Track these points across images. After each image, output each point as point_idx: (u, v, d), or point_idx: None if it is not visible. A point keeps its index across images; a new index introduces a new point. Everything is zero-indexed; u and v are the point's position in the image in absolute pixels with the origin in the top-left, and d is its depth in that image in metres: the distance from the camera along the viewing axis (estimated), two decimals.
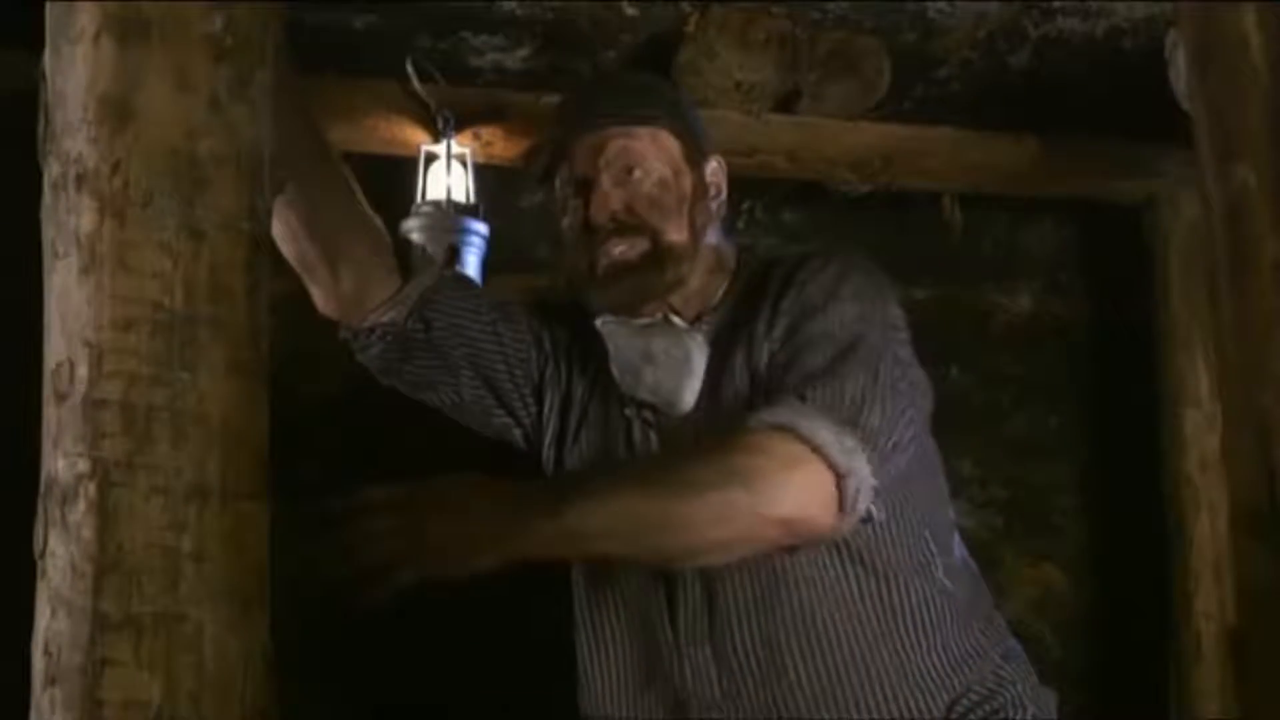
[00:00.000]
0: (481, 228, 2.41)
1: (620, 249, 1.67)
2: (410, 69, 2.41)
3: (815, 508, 1.49)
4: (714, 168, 1.79)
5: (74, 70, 1.05)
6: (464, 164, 2.46)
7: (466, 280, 2.01)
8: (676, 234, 1.69)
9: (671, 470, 1.55)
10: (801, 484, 1.48)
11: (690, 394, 1.68)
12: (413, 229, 2.38)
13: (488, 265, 2.42)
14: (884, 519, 1.57)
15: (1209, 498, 2.75)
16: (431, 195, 2.44)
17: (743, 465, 1.49)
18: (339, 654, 2.51)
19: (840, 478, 1.48)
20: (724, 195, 1.79)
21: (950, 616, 1.64)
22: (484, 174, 2.47)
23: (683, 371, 1.68)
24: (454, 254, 2.35)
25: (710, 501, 1.47)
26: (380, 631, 2.50)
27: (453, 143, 2.45)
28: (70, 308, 1.03)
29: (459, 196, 2.43)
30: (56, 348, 1.04)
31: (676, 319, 1.71)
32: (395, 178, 2.47)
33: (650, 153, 1.70)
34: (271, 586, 1.09)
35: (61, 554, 1.01)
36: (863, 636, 1.60)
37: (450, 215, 2.39)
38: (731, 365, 1.67)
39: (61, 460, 1.02)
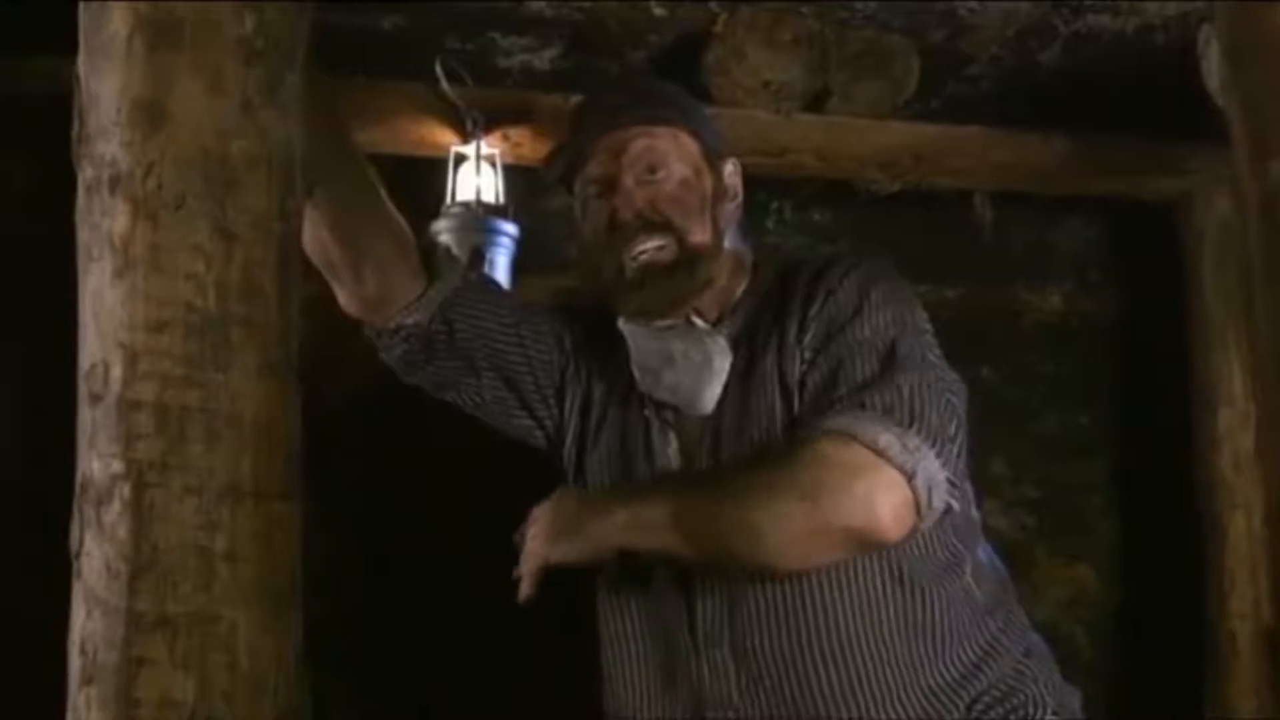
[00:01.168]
0: (511, 228, 2.41)
1: (648, 247, 1.67)
2: (439, 70, 2.42)
3: (886, 512, 1.49)
4: (731, 170, 1.78)
5: (107, 74, 1.06)
6: (493, 165, 2.46)
7: (490, 282, 2.01)
8: (701, 234, 1.69)
9: (740, 478, 1.57)
10: (867, 491, 1.49)
11: (711, 396, 1.68)
12: (442, 230, 2.38)
13: (517, 266, 2.43)
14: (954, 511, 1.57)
15: (1243, 496, 2.73)
16: (461, 196, 2.44)
17: (806, 477, 1.50)
18: (376, 654, 2.52)
19: (909, 478, 1.48)
20: (740, 197, 1.79)
21: (971, 618, 1.63)
22: (513, 175, 2.47)
23: (703, 374, 1.68)
24: (478, 256, 2.35)
25: (775, 511, 1.50)
26: (416, 633, 2.52)
27: (482, 144, 2.45)
28: (104, 309, 1.04)
29: (488, 197, 2.43)
30: (91, 349, 1.05)
31: (698, 320, 1.71)
32: (425, 179, 2.47)
33: (672, 152, 1.70)
34: (307, 586, 1.10)
35: (97, 554, 1.02)
36: (885, 643, 1.59)
37: (480, 216, 2.40)
38: (761, 370, 1.66)
39: (96, 461, 1.03)
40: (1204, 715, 2.73)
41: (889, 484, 1.48)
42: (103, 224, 1.05)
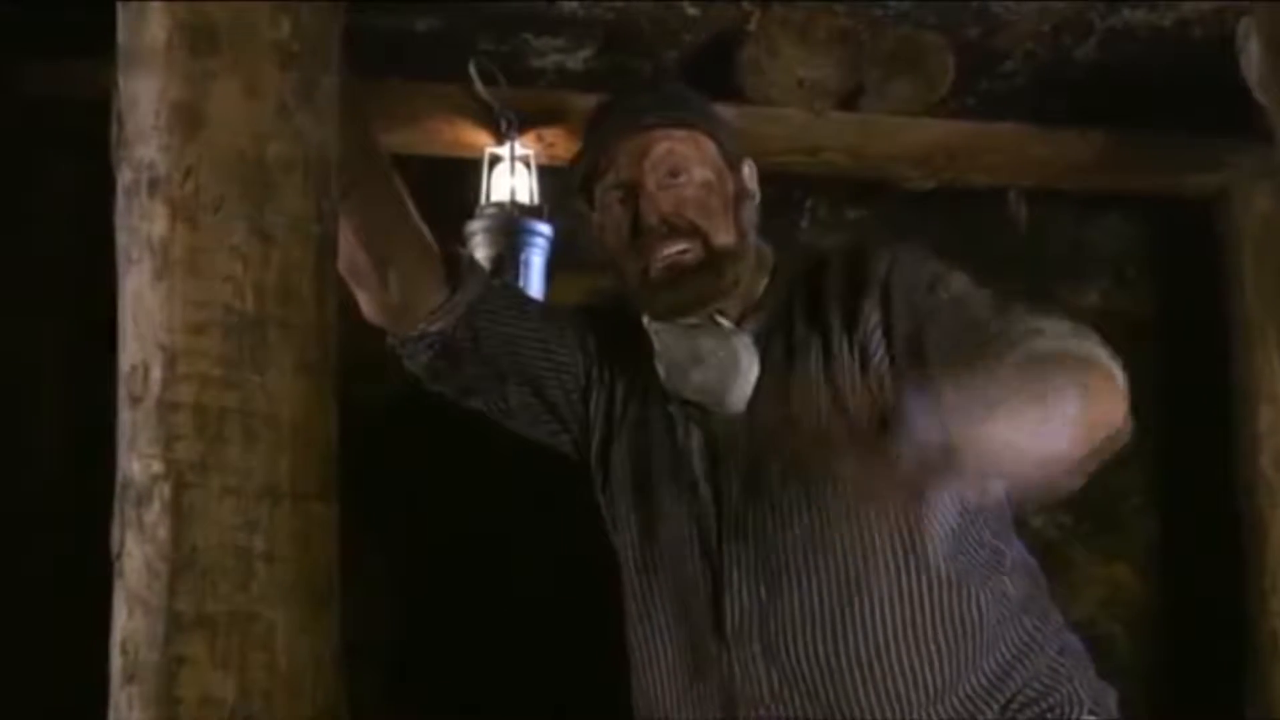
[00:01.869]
0: (545, 229, 2.42)
1: (673, 250, 1.67)
2: (473, 71, 2.42)
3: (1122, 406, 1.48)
4: (749, 171, 1.79)
5: (145, 78, 1.07)
6: (527, 165, 2.47)
7: (514, 289, 2.02)
8: (725, 236, 1.69)
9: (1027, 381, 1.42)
10: (1114, 389, 1.49)
11: (739, 395, 1.68)
12: (477, 231, 2.39)
13: (552, 266, 2.43)
14: (959, 526, 1.58)
15: None
16: (496, 197, 2.44)
17: (1072, 380, 1.43)
18: (413, 654, 2.53)
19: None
20: (759, 197, 1.79)
21: (1007, 616, 1.63)
22: (547, 175, 2.48)
23: (731, 372, 1.68)
24: (502, 263, 2.35)
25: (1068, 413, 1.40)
26: (453, 634, 2.53)
27: (516, 144, 2.46)
28: (143, 311, 1.05)
29: (523, 198, 2.44)
30: (131, 351, 1.06)
31: (722, 319, 1.71)
32: (459, 180, 2.48)
33: (694, 156, 1.71)
34: (344, 585, 1.10)
35: (137, 554, 1.03)
36: (926, 644, 1.58)
37: (514, 217, 2.40)
38: (804, 371, 1.66)
39: (137, 462, 1.03)
40: (1244, 715, 2.70)
41: (1116, 382, 1.50)
42: (142, 227, 1.05)
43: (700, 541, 1.68)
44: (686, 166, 1.70)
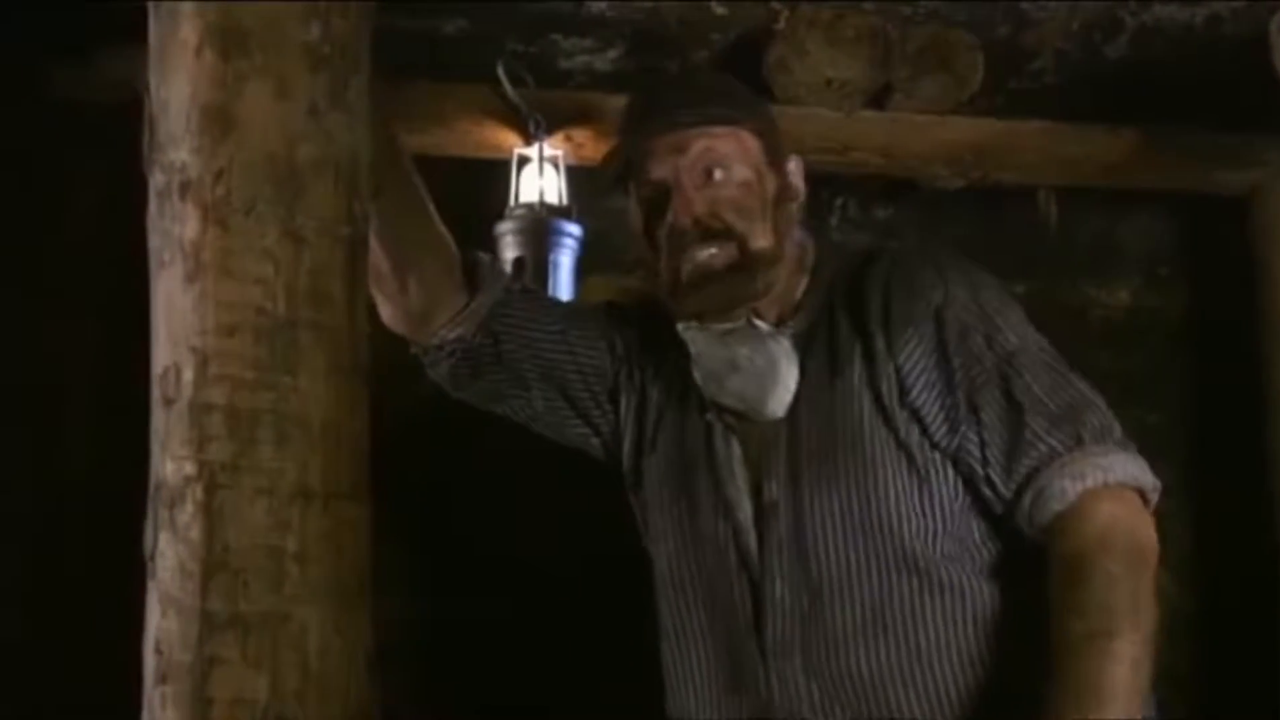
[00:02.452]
0: (575, 230, 2.42)
1: (706, 254, 1.63)
2: (501, 73, 2.43)
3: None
4: (793, 168, 1.73)
5: (176, 81, 1.08)
6: (556, 166, 2.47)
7: (534, 291, 1.99)
8: (763, 239, 1.64)
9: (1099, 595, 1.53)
10: (1147, 519, 1.59)
11: (778, 402, 1.65)
12: (506, 232, 2.39)
13: (581, 267, 2.43)
14: (1004, 532, 1.60)
15: None
16: (524, 198, 2.45)
17: (1136, 545, 1.56)
18: (444, 655, 2.54)
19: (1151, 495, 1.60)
20: (803, 196, 1.74)
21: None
22: (576, 176, 2.48)
23: (769, 379, 1.65)
24: (523, 265, 2.35)
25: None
26: (484, 635, 2.53)
27: (545, 145, 2.46)
28: (176, 314, 1.06)
29: (552, 199, 2.44)
30: (163, 353, 1.06)
31: (760, 322, 1.67)
32: (488, 181, 2.48)
33: (733, 154, 1.65)
34: (375, 587, 1.10)
35: (170, 555, 1.03)
36: (973, 659, 1.56)
37: (543, 218, 2.40)
38: (846, 380, 1.63)
39: (169, 463, 1.04)
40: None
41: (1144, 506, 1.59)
42: (174, 229, 1.06)
43: (739, 552, 1.65)
44: (725, 165, 1.64)
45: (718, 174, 1.64)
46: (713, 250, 1.63)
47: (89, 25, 2.17)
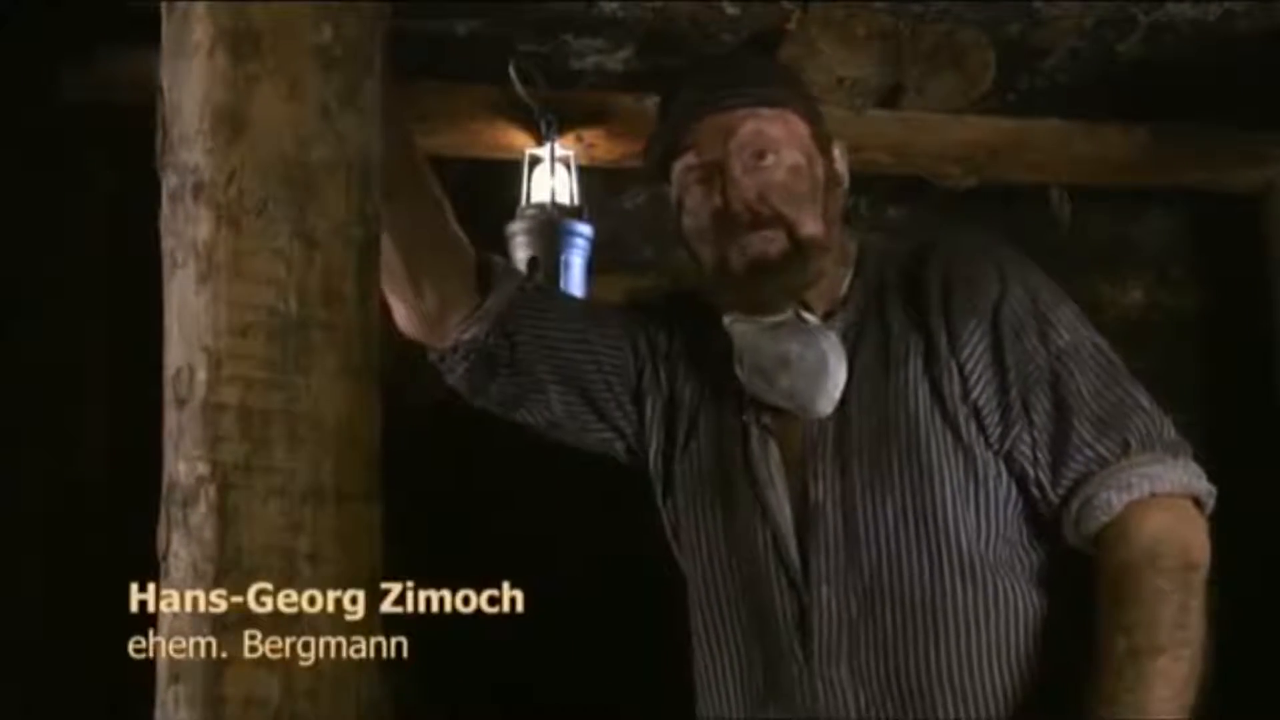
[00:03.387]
0: (586, 230, 2.42)
1: (758, 244, 1.56)
2: (512, 73, 2.43)
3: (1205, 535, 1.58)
4: (839, 154, 1.68)
5: (189, 83, 1.08)
6: (568, 166, 2.47)
7: (551, 289, 1.93)
8: (813, 226, 1.58)
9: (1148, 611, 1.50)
10: (1198, 528, 1.58)
11: (827, 399, 1.58)
12: (517, 232, 2.40)
13: (592, 267, 2.43)
14: (1053, 537, 1.57)
15: None
16: (536, 198, 2.45)
17: (1185, 559, 1.54)
18: (457, 655, 2.54)
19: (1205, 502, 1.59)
20: (848, 183, 1.69)
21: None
22: (588, 176, 2.48)
23: (819, 376, 1.57)
24: (535, 264, 2.35)
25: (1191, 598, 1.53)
26: (498, 636, 2.53)
27: (556, 145, 2.46)
28: (188, 315, 1.06)
29: (563, 199, 2.44)
30: (176, 354, 1.06)
31: (808, 315, 1.61)
32: (500, 181, 2.49)
33: (783, 137, 1.59)
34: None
35: (183, 555, 1.03)
36: (1018, 660, 1.54)
37: (555, 218, 2.41)
38: (903, 375, 1.58)
39: (182, 464, 1.04)
40: None
41: (1198, 511, 1.59)
42: (186, 231, 1.06)
43: (779, 557, 1.60)
44: (775, 148, 1.57)
45: (769, 158, 1.58)
46: (766, 236, 1.56)
47: (100, 27, 2.17)
